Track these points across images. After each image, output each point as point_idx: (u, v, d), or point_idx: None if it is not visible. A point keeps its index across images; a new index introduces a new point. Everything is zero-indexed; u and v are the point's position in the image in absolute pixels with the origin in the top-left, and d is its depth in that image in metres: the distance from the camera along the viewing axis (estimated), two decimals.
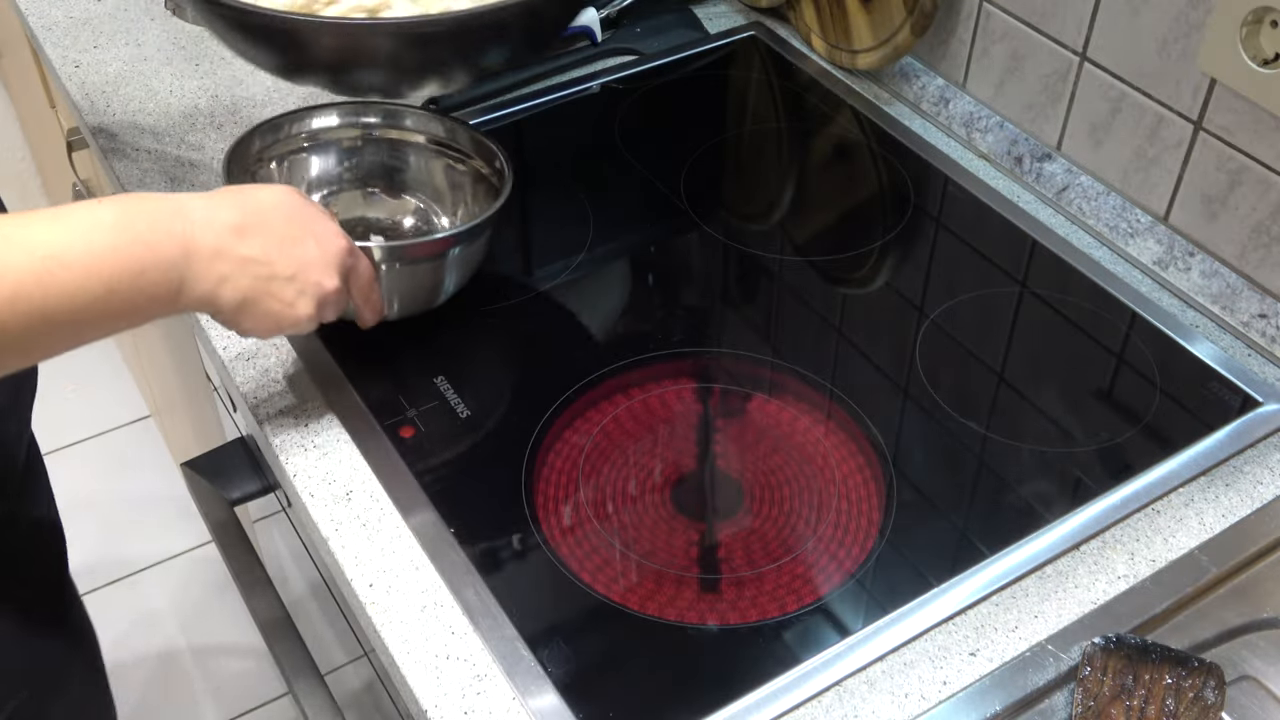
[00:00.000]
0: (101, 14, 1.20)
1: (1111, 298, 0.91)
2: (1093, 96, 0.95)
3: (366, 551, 0.74)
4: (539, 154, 1.07)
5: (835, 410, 0.83)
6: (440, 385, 0.84)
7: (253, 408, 0.83)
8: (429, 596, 0.72)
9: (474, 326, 0.89)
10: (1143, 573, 0.73)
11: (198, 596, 1.80)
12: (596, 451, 0.80)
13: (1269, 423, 0.81)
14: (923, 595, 0.71)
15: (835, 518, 0.76)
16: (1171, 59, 0.88)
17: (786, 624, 0.70)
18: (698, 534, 0.76)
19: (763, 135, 1.10)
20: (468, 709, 0.66)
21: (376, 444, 0.80)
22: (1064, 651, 0.69)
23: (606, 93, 1.13)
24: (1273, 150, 0.83)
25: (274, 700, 1.68)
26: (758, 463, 0.80)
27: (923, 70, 1.10)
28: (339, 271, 0.73)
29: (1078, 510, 0.76)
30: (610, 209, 1.01)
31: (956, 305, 0.91)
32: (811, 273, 0.96)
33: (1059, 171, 0.99)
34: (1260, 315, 0.87)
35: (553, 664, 0.68)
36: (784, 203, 1.03)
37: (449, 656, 0.69)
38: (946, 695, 0.67)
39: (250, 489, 0.90)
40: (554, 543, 0.74)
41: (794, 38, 1.18)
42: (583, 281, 0.94)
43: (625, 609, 0.71)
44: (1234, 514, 0.76)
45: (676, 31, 1.19)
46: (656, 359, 0.87)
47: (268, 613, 0.83)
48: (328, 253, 0.72)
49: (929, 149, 1.05)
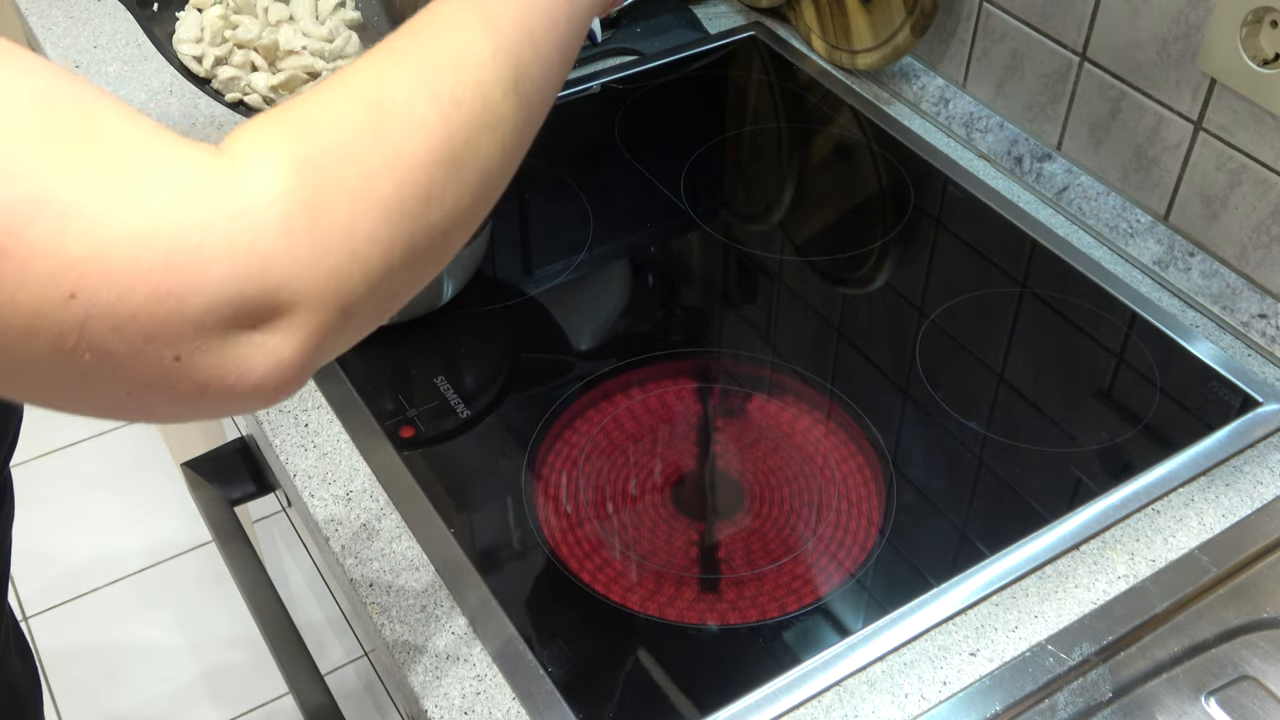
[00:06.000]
0: (101, 14, 1.20)
1: (1111, 298, 0.91)
2: (1093, 96, 0.95)
3: (366, 551, 0.74)
4: (539, 154, 1.07)
5: (835, 410, 0.83)
6: (440, 385, 0.84)
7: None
8: (429, 596, 0.72)
9: (474, 327, 0.89)
10: (1143, 573, 0.73)
11: (198, 596, 1.80)
12: (596, 451, 0.80)
13: (1269, 423, 0.81)
14: (923, 595, 0.71)
15: (835, 518, 0.76)
16: (1171, 59, 0.88)
17: (786, 624, 0.70)
18: (698, 534, 0.76)
19: (763, 135, 1.10)
20: (468, 709, 0.66)
21: (376, 444, 0.80)
22: (1064, 651, 0.69)
23: (606, 93, 1.13)
24: (1273, 150, 0.83)
25: (274, 700, 1.68)
26: (758, 463, 0.80)
27: (923, 70, 1.10)
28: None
29: (1078, 510, 0.76)
30: (610, 209, 1.01)
31: (956, 305, 0.91)
32: (811, 273, 0.96)
33: (1059, 171, 0.99)
34: (1260, 315, 0.87)
35: (553, 664, 0.68)
36: (784, 203, 1.03)
37: (449, 656, 0.69)
38: (946, 695, 0.67)
39: (250, 489, 0.90)
40: (554, 543, 0.74)
41: (794, 38, 1.18)
42: (583, 281, 0.94)
43: (625, 609, 0.71)
44: (1234, 514, 0.76)
45: (676, 31, 1.19)
46: (656, 359, 0.87)
47: (268, 612, 0.82)
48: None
49: (929, 149, 1.05)
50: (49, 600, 1.79)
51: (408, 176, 0.43)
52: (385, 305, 0.45)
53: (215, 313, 0.38)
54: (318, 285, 0.40)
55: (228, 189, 0.39)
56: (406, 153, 0.43)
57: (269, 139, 0.41)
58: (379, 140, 0.43)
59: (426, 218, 0.44)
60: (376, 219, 0.42)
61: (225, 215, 0.38)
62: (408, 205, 0.43)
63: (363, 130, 0.43)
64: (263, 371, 0.40)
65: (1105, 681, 0.69)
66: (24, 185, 0.35)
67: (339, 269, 0.41)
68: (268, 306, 0.39)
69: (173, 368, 0.38)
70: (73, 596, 1.80)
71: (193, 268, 0.37)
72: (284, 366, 0.41)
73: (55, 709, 1.67)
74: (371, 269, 0.42)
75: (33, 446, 1.96)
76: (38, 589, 1.80)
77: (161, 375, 0.38)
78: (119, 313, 0.36)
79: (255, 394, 0.41)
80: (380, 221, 0.42)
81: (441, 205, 0.44)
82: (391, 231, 0.42)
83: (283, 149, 0.41)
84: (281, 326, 0.40)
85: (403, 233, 0.43)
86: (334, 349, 0.43)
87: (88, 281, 0.36)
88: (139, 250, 0.37)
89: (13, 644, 0.86)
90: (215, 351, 0.39)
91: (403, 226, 0.43)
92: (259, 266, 0.39)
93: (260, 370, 0.40)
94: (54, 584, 1.81)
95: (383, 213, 0.42)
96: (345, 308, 0.42)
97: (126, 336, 0.37)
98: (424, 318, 0.89)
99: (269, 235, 0.39)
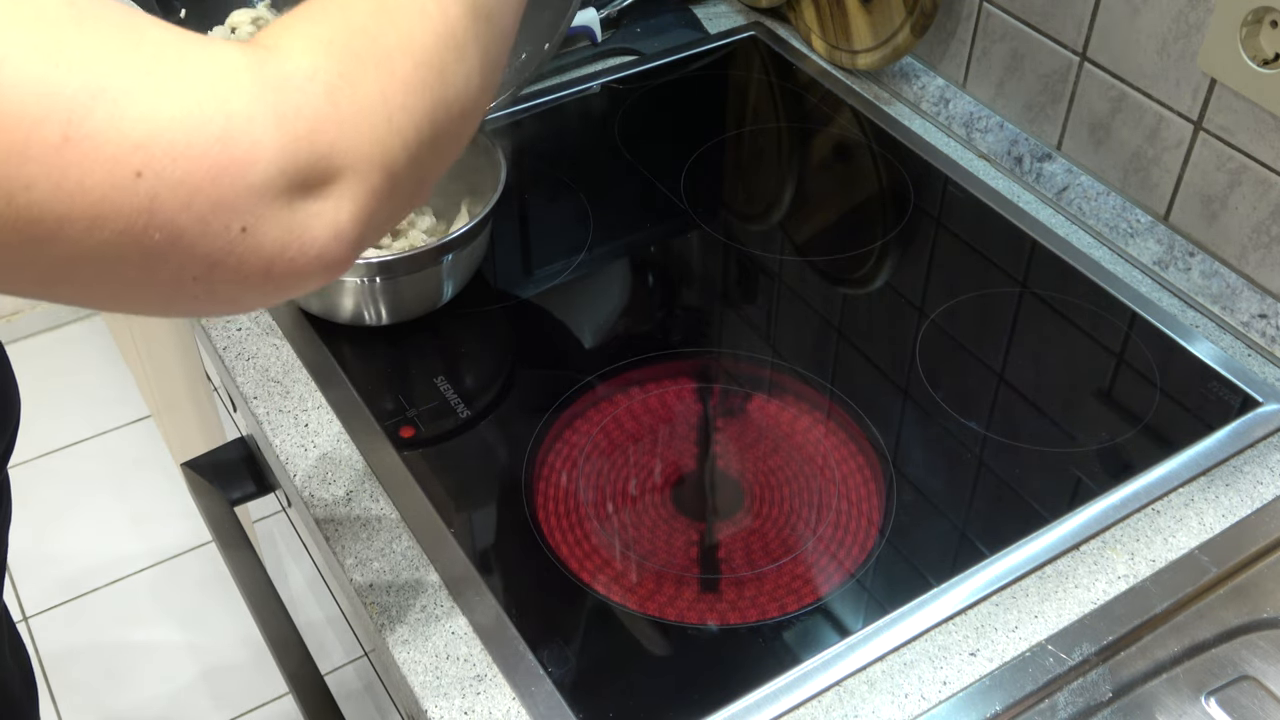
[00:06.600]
0: None
1: (1111, 298, 0.91)
2: (1093, 96, 0.95)
3: (366, 552, 0.74)
4: (539, 154, 1.07)
5: (835, 410, 0.83)
6: (440, 385, 0.84)
7: (253, 408, 0.83)
8: (429, 596, 0.72)
9: (474, 327, 0.89)
10: (1143, 573, 0.73)
11: (198, 596, 1.80)
12: (596, 451, 0.80)
13: (1269, 423, 0.81)
14: (923, 595, 0.71)
15: (835, 518, 0.76)
16: (1171, 59, 0.88)
17: (786, 624, 0.70)
18: (698, 534, 0.76)
19: (763, 135, 1.10)
20: (468, 709, 0.66)
21: (376, 444, 0.80)
22: (1064, 651, 0.69)
23: (606, 93, 1.13)
24: (1273, 150, 0.83)
25: (274, 700, 1.68)
26: (758, 463, 0.80)
27: (923, 70, 1.10)
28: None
29: (1078, 510, 0.76)
30: (610, 209, 1.01)
31: (956, 305, 0.91)
32: (811, 273, 0.96)
33: (1059, 171, 0.99)
34: (1260, 315, 0.87)
35: (553, 664, 0.68)
36: (784, 203, 1.03)
37: (449, 656, 0.69)
38: (946, 695, 0.67)
39: (250, 489, 0.90)
40: (554, 543, 0.74)
41: (794, 38, 1.18)
42: (583, 281, 0.94)
43: (625, 609, 0.71)
44: (1234, 514, 0.76)
45: (676, 31, 1.19)
46: (656, 359, 0.87)
47: (268, 613, 0.82)
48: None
49: (929, 149, 1.05)
50: (49, 600, 1.79)
51: (422, 57, 0.47)
52: (420, 177, 0.48)
53: (275, 180, 0.40)
54: (364, 148, 0.43)
55: (270, 67, 0.42)
56: (417, 35, 0.47)
57: (293, 30, 0.45)
58: (393, 24, 0.46)
59: (444, 93, 0.47)
60: (404, 89, 0.45)
61: (271, 89, 0.41)
62: (427, 80, 0.47)
63: (376, 18, 0.46)
64: (324, 239, 0.43)
65: (1105, 681, 0.69)
66: (79, 76, 0.37)
67: (380, 133, 0.44)
68: (322, 171, 0.42)
69: (239, 240, 0.40)
70: (73, 596, 1.80)
71: (249, 138, 0.40)
72: (341, 233, 0.43)
73: (55, 709, 1.67)
74: (408, 136, 0.45)
75: (33, 446, 1.96)
76: (38, 589, 1.80)
77: (228, 249, 0.40)
78: (186, 187, 0.38)
79: (316, 265, 0.43)
80: (408, 92, 0.46)
81: (455, 83, 0.48)
82: (418, 102, 0.46)
83: (308, 35, 0.44)
84: (335, 192, 0.43)
85: (426, 104, 0.46)
86: (383, 220, 0.46)
87: (153, 161, 0.38)
88: (197, 126, 0.39)
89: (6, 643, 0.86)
90: (279, 220, 0.41)
91: (425, 98, 0.46)
92: (309, 133, 0.41)
93: (321, 238, 0.43)
94: (54, 584, 1.81)
95: (407, 85, 0.46)
96: (390, 173, 0.45)
97: (194, 210, 0.39)
98: (424, 318, 0.89)
99: (314, 103, 0.42)
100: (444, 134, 0.48)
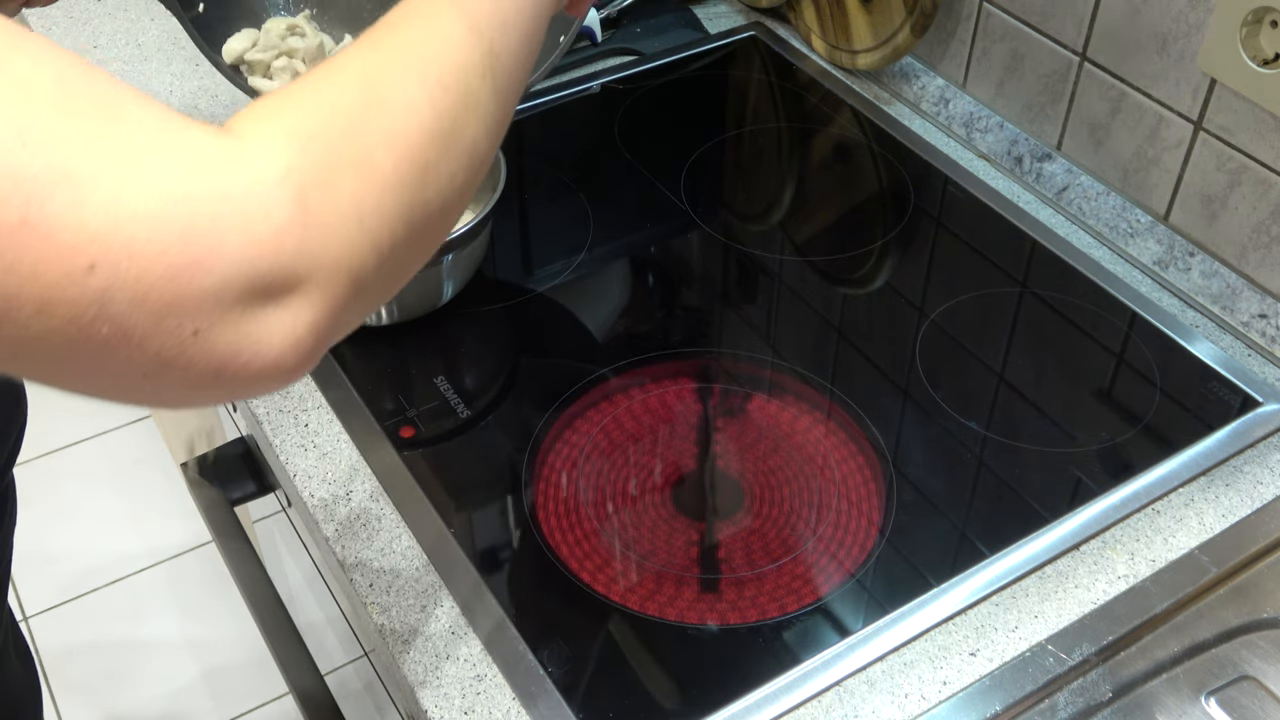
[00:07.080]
0: (101, 14, 1.20)
1: (1111, 298, 0.91)
2: (1093, 96, 0.95)
3: (366, 551, 0.74)
4: (539, 154, 1.07)
5: (835, 410, 0.83)
6: (440, 385, 0.84)
7: (253, 408, 0.83)
8: (429, 596, 0.72)
9: (474, 327, 0.89)
10: (1143, 573, 0.73)
11: (198, 596, 1.80)
12: (596, 451, 0.80)
13: (1269, 423, 0.81)
14: (923, 595, 0.71)
15: (835, 518, 0.76)
16: (1171, 59, 0.88)
17: (786, 624, 0.70)
18: (698, 534, 0.76)
19: (763, 135, 1.10)
20: (468, 709, 0.66)
21: (376, 444, 0.80)
22: (1064, 651, 0.69)
23: (606, 93, 1.13)
24: (1273, 150, 0.83)
25: (274, 700, 1.68)
26: (758, 463, 0.80)
27: (923, 70, 1.10)
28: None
29: (1078, 510, 0.76)
30: (610, 209, 1.01)
31: (956, 305, 0.91)
32: (811, 273, 0.96)
33: (1059, 171, 0.99)
34: (1260, 315, 0.87)
35: (553, 664, 0.68)
36: (784, 203, 1.03)
37: (449, 656, 0.69)
38: (946, 695, 0.67)
39: (250, 489, 0.90)
40: (554, 543, 0.74)
41: (794, 38, 1.18)
42: (583, 281, 0.94)
43: (625, 609, 0.71)
44: (1234, 514, 0.76)
45: (676, 31, 1.19)
46: (656, 359, 0.87)
47: (268, 612, 0.83)
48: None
49: (929, 149, 1.05)
50: (49, 600, 1.79)
51: (405, 154, 0.45)
52: (391, 280, 0.46)
53: (233, 285, 0.39)
54: (330, 257, 0.41)
55: (240, 165, 0.40)
56: (401, 131, 0.45)
57: (272, 120, 0.43)
58: (377, 120, 0.44)
59: (424, 193, 0.45)
60: (380, 192, 0.43)
61: (239, 189, 0.39)
62: (407, 180, 0.45)
63: (361, 110, 0.44)
64: (279, 348, 0.41)
65: (1105, 681, 0.69)
66: (44, 159, 0.36)
67: (349, 241, 0.42)
68: (283, 278, 0.40)
69: (190, 343, 0.39)
70: (73, 596, 1.80)
71: (210, 240, 0.38)
72: (299, 343, 0.41)
73: (55, 709, 1.67)
74: (380, 241, 0.43)
75: (33, 446, 1.96)
76: (38, 589, 1.80)
77: (179, 351, 0.39)
78: (139, 284, 0.37)
79: (270, 371, 0.41)
80: (384, 195, 0.44)
81: (436, 181, 0.46)
82: (395, 204, 0.44)
83: (287, 128, 0.42)
84: (296, 301, 0.41)
85: (404, 206, 0.44)
86: (344, 325, 0.45)
87: (108, 254, 0.36)
88: (158, 223, 0.37)
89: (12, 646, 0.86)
90: (233, 325, 0.39)
91: (404, 200, 0.44)
92: (274, 239, 0.39)
93: (276, 347, 0.41)
94: (54, 584, 1.81)
95: (385, 187, 0.44)
96: (357, 280, 0.43)
97: (146, 308, 0.37)
98: (424, 318, 0.89)
99: (282, 208, 0.40)
100: (421, 234, 0.46)
